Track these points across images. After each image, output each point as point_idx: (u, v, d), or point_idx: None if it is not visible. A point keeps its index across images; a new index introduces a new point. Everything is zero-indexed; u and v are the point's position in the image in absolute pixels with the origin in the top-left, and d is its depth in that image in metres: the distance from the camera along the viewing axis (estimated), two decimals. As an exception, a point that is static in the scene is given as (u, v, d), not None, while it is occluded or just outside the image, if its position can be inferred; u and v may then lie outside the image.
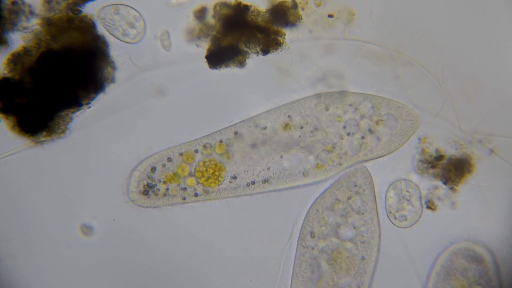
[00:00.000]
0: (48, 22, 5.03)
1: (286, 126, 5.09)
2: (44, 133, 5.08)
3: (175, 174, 5.07)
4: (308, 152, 5.13)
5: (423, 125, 5.19)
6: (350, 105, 5.15)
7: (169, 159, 5.13)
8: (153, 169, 5.12)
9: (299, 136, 5.13)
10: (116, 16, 5.11)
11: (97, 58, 5.08)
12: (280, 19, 5.15)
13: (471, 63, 5.23)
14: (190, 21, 5.17)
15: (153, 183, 5.11)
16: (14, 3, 5.01)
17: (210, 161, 5.10)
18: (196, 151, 5.13)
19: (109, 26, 5.07)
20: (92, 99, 5.12)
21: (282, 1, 5.14)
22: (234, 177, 5.12)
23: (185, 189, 5.13)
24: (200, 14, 5.16)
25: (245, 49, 5.13)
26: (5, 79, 5.00)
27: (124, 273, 5.23)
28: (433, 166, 5.15)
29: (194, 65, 5.17)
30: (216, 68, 5.16)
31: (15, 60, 5.00)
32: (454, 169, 5.15)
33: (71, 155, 5.19)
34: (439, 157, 5.15)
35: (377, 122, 5.14)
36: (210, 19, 5.15)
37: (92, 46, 5.07)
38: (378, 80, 5.20)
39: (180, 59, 5.19)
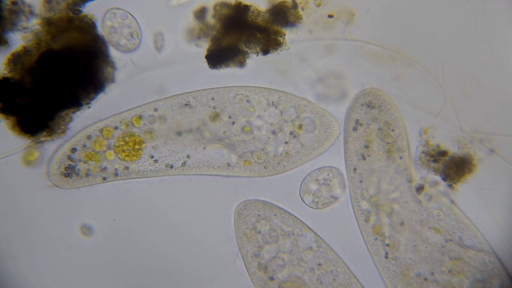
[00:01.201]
0: (48, 22, 5.03)
1: (215, 117, 5.08)
2: (44, 133, 5.08)
3: (95, 153, 5.07)
4: (232, 150, 5.14)
5: (426, 120, 5.20)
6: (273, 104, 5.15)
7: (89, 137, 5.12)
8: (73, 150, 5.10)
9: (224, 132, 5.13)
10: (115, 22, 5.12)
11: (97, 58, 5.08)
12: (280, 19, 5.15)
13: (471, 63, 5.22)
14: (190, 21, 5.17)
15: (74, 163, 5.10)
16: (14, 3, 5.01)
17: (129, 135, 5.10)
18: (116, 127, 5.13)
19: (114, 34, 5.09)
20: (92, 99, 5.12)
21: (282, 1, 5.14)
22: (156, 160, 5.11)
23: (105, 168, 5.14)
24: (200, 14, 5.16)
25: (245, 49, 5.13)
26: (5, 79, 5.00)
27: (124, 273, 5.23)
28: (435, 161, 5.16)
29: (194, 65, 5.17)
30: (216, 68, 5.16)
31: (15, 60, 5.00)
32: (455, 167, 5.15)
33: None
34: (442, 153, 5.16)
35: (299, 126, 5.15)
36: (210, 19, 5.15)
37: (92, 46, 5.07)
38: (378, 80, 5.20)
39: (180, 59, 5.19)
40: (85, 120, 5.15)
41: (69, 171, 5.10)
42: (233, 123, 5.10)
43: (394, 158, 5.14)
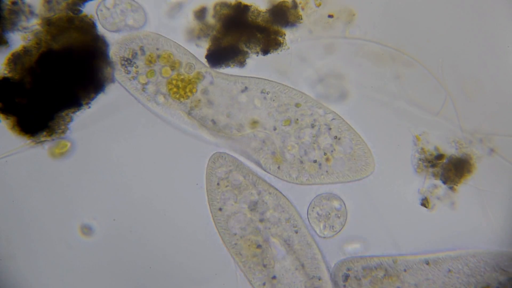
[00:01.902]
0: (48, 22, 5.03)
1: (254, 123, 5.07)
2: (44, 133, 5.09)
3: (153, 69, 5.04)
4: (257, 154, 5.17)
5: (422, 124, 5.19)
6: (313, 125, 5.13)
7: (158, 56, 5.11)
8: (142, 49, 5.08)
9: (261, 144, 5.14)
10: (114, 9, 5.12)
11: (97, 58, 5.08)
12: (280, 19, 5.15)
13: (471, 63, 5.23)
14: (190, 21, 5.18)
15: (134, 61, 5.07)
16: (14, 3, 5.01)
17: (185, 78, 5.07)
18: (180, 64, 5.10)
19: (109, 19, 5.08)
20: (92, 99, 5.12)
21: (282, 1, 5.14)
22: (192, 108, 5.07)
23: (146, 89, 5.10)
24: (200, 14, 5.16)
25: (245, 49, 5.14)
26: (5, 79, 5.00)
27: (124, 273, 5.24)
28: (433, 165, 5.15)
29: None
30: (216, 68, 5.16)
31: (15, 60, 5.00)
32: (454, 169, 5.15)
33: (71, 155, 5.19)
34: (439, 156, 5.15)
35: (327, 159, 5.13)
36: (210, 19, 5.15)
37: (92, 46, 5.07)
38: (378, 80, 5.21)
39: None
40: (85, 120, 5.16)
41: (126, 64, 5.06)
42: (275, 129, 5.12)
43: None
